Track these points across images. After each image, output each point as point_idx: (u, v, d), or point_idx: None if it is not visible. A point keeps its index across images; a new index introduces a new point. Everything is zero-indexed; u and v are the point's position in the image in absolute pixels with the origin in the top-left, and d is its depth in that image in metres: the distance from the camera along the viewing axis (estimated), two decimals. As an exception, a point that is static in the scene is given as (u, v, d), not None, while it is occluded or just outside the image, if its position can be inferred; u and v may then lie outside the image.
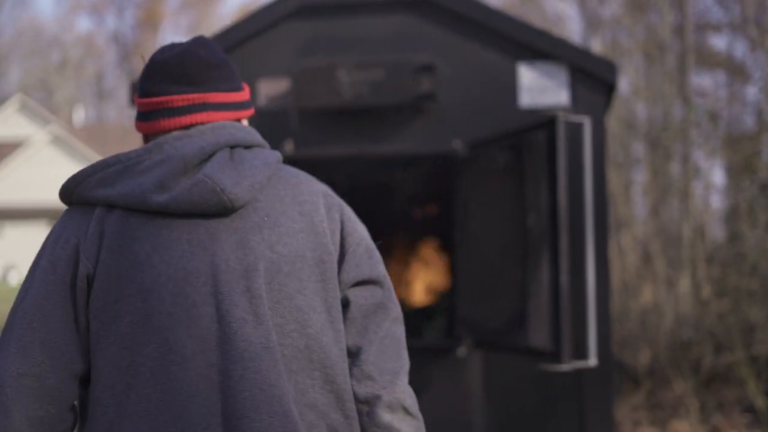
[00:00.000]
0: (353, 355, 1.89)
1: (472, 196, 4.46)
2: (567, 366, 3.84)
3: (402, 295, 5.53)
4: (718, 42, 17.10)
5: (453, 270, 4.73)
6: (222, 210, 1.80)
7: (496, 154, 4.25)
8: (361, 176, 4.89)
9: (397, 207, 5.24)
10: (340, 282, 1.89)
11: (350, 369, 1.89)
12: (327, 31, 4.77)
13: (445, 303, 5.26)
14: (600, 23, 13.77)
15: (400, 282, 5.48)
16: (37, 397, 1.77)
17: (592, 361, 4.07)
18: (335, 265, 1.89)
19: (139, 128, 1.96)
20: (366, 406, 1.87)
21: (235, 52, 4.80)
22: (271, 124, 4.78)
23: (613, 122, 10.59)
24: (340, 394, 1.84)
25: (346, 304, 1.90)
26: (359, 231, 1.97)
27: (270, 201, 1.87)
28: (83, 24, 62.71)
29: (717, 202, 11.67)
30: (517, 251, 4.07)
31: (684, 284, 9.51)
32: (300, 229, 1.86)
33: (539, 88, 4.67)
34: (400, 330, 1.97)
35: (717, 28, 11.74)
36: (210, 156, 1.83)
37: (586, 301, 4.12)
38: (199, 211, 1.80)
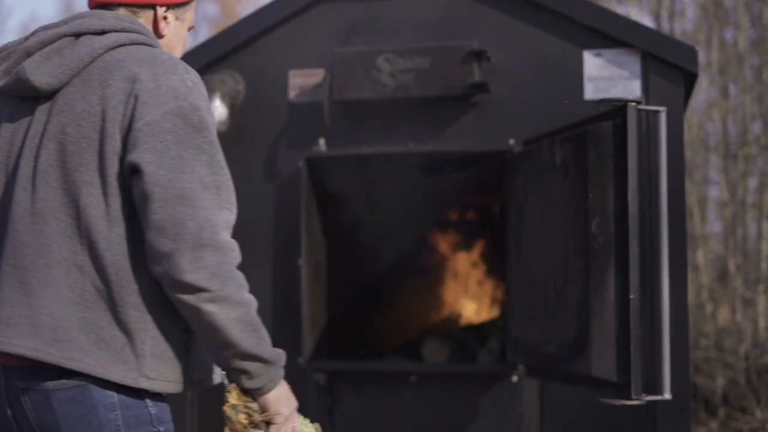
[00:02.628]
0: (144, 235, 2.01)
1: (527, 199, 3.73)
2: (637, 401, 3.09)
3: (453, 311, 4.82)
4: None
5: (505, 285, 4.00)
6: (36, 93, 2.09)
7: (554, 151, 3.52)
8: (404, 178, 4.19)
9: (445, 212, 4.53)
10: (121, 164, 2.01)
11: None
12: (365, 15, 4.08)
13: (501, 322, 4.54)
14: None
15: (450, 297, 4.77)
16: None
17: (667, 394, 3.32)
18: (118, 147, 2.01)
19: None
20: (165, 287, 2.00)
21: (263, 40, 4.15)
22: (303, 120, 4.12)
23: (687, 135, 9.85)
24: (104, 262, 2.00)
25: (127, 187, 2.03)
26: (148, 116, 2.01)
27: (79, 85, 2.08)
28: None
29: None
30: (578, 264, 3.33)
31: (762, 304, 8.82)
32: (94, 113, 2.04)
33: (607, 78, 3.93)
34: (177, 210, 1.98)
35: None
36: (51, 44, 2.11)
37: (661, 323, 3.37)
38: (21, 95, 2.12)
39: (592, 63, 3.94)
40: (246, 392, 2.09)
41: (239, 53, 4.17)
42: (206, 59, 4.14)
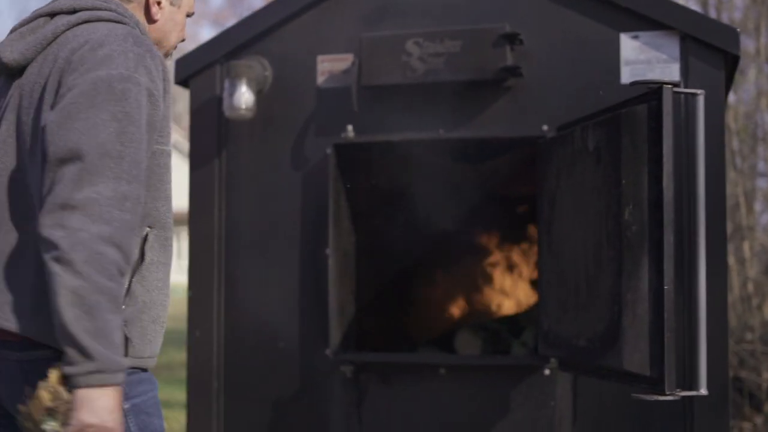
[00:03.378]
0: None
1: (560, 187, 3.56)
2: (670, 396, 2.92)
3: (487, 303, 4.66)
4: None
5: (538, 275, 3.83)
6: (7, 70, 2.20)
7: (586, 136, 3.35)
8: (434, 165, 4.04)
9: (478, 200, 4.37)
10: None
11: None
12: (395, -3, 3.94)
13: (535, 314, 4.37)
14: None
15: (483, 288, 4.61)
16: None
17: (703, 390, 3.15)
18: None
19: None
20: None
21: (290, 25, 4.02)
22: (331, 106, 3.98)
23: (733, 125, 9.55)
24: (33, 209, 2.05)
25: None
26: (72, 81, 2.01)
27: (39, 61, 2.15)
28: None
29: None
30: (611, 253, 3.16)
31: (811, 298, 8.50)
32: (42, 84, 2.10)
33: (645, 61, 3.75)
34: (65, 170, 1.93)
35: None
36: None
37: (697, 315, 3.19)
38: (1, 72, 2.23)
39: (630, 46, 3.76)
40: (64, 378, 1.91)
41: (267, 38, 4.04)
42: (233, 45, 4.03)
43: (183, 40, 2.52)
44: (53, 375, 1.91)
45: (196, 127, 4.10)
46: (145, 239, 2.16)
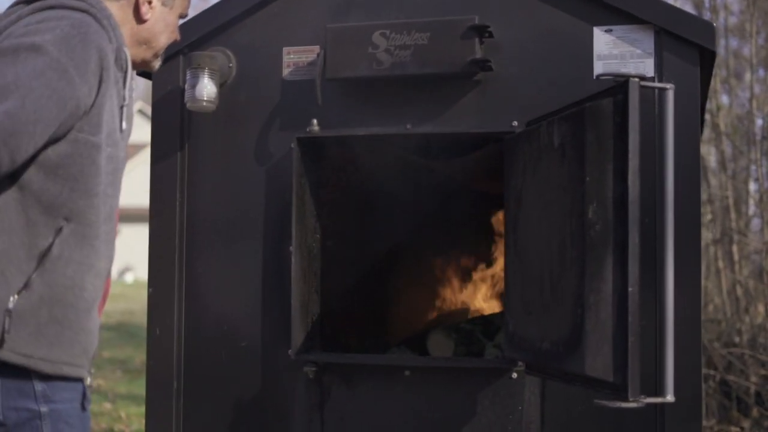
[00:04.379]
0: None
1: (526, 184, 3.40)
2: (634, 403, 2.76)
3: (459, 303, 4.50)
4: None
5: (504, 275, 3.67)
6: None
7: (552, 131, 3.19)
8: (402, 161, 3.88)
9: (447, 197, 4.21)
10: None
11: None
12: (362, -12, 3.78)
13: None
14: (717, 31, 12.51)
15: (455, 288, 4.45)
16: None
17: (669, 396, 2.98)
18: None
19: None
20: None
21: (256, 15, 3.86)
22: (296, 99, 3.83)
23: (724, 128, 9.40)
24: None
25: None
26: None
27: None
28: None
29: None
30: (574, 253, 3.00)
31: (801, 302, 8.32)
32: None
33: (618, 56, 3.59)
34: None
35: None
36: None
37: (664, 319, 3.03)
38: None
39: (603, 40, 3.60)
40: None
41: (231, 29, 3.88)
42: (196, 35, 3.87)
43: (177, 41, 2.59)
44: None
45: (157, 120, 3.94)
46: (58, 231, 2.02)
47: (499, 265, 4.33)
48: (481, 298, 4.46)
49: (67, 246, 2.05)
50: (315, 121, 3.75)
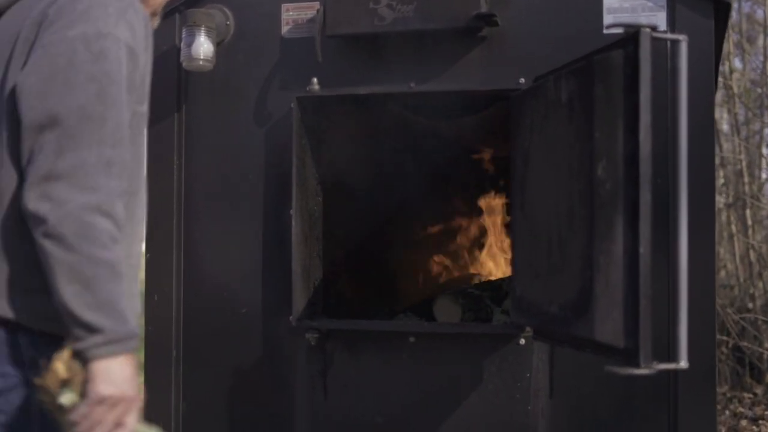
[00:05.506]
0: None
1: (533, 142, 3.24)
2: (646, 369, 2.61)
3: (467, 268, 4.36)
4: None
5: (511, 237, 3.52)
6: None
7: (559, 86, 3.02)
8: (405, 120, 3.73)
9: (453, 157, 4.05)
10: None
11: None
12: (363, -60, 3.60)
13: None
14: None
15: (462, 252, 4.31)
16: None
17: (683, 362, 2.83)
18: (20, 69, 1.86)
19: None
20: None
21: (254, -31, 3.70)
22: (296, 57, 3.67)
23: (737, 90, 9.19)
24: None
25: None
26: (48, 38, 1.85)
27: (15, 9, 2.01)
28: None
29: None
30: (582, 213, 2.85)
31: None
32: (14, 34, 1.91)
33: (629, 9, 3.42)
34: (44, 137, 1.77)
35: None
36: None
37: (678, 282, 2.87)
38: None
39: (613, -8, 3.43)
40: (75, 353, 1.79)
41: (228, -15, 3.73)
42: (192, -8, 3.72)
43: None
44: (66, 350, 1.83)
45: (153, 80, 3.78)
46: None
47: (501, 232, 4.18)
48: (491, 261, 4.31)
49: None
50: (315, 80, 3.61)
